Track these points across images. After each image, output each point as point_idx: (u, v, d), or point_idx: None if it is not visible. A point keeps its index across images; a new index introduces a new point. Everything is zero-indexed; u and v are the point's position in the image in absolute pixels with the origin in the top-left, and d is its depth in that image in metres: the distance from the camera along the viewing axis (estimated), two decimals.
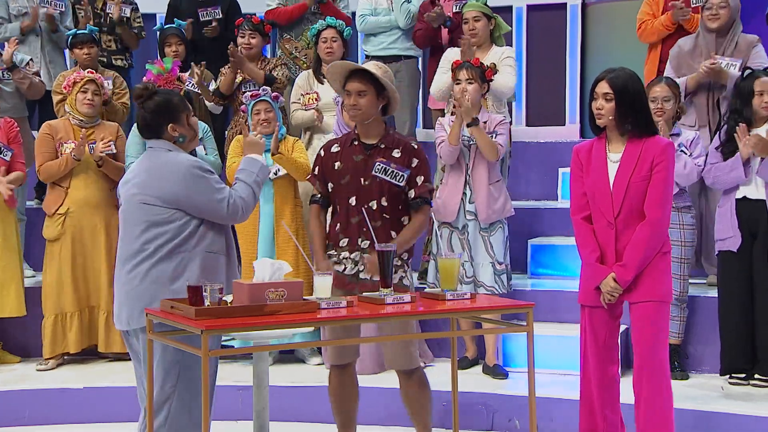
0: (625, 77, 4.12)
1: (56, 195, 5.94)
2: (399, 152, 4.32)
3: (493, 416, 5.24)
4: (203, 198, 3.78)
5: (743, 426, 4.72)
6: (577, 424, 5.03)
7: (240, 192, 3.89)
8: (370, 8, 6.89)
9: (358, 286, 4.27)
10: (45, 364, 5.90)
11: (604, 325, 4.23)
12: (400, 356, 4.33)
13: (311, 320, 3.58)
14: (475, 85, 5.51)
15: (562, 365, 5.55)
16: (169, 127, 3.87)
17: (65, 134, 5.94)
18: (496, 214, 5.57)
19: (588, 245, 4.20)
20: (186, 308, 3.47)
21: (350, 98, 4.27)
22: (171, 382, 3.78)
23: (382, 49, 6.85)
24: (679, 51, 6.00)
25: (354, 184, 4.31)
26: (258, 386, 4.24)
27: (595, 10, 8.25)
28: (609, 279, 4.13)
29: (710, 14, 5.85)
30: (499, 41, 6.29)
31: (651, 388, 4.11)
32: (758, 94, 5.24)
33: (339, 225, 4.36)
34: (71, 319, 5.89)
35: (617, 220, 4.13)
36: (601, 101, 4.14)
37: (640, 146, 4.11)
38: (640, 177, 4.09)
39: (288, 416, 5.32)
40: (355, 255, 4.31)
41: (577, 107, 8.19)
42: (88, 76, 5.98)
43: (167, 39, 6.82)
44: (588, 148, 4.25)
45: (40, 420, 5.45)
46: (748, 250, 5.21)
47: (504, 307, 4.11)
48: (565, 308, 5.89)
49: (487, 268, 5.55)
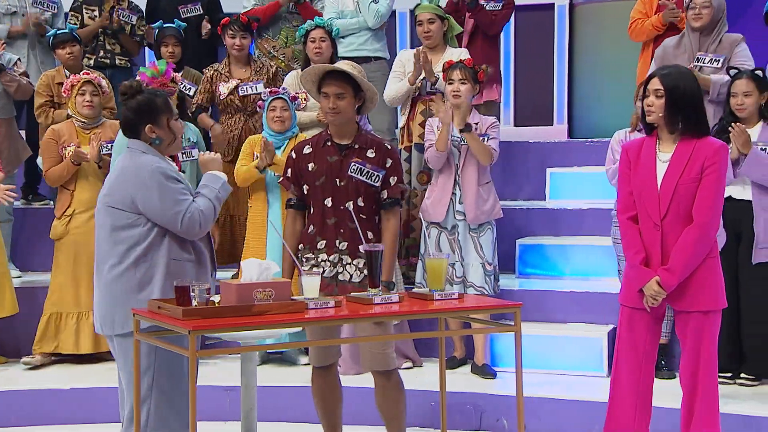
0: (678, 75, 4.04)
1: (64, 197, 5.98)
2: (373, 152, 4.30)
3: (481, 416, 5.25)
4: (159, 206, 3.72)
5: (730, 425, 4.74)
6: (564, 423, 5.06)
7: (200, 205, 3.79)
8: (336, 11, 6.88)
9: (337, 288, 4.26)
10: (32, 357, 5.89)
11: (644, 328, 4.11)
12: (378, 357, 4.29)
13: (299, 320, 3.57)
14: (468, 86, 5.52)
15: (550, 365, 5.57)
16: (147, 128, 3.83)
17: (69, 137, 5.97)
18: (484, 215, 5.58)
19: (633, 246, 4.08)
20: (173, 308, 3.46)
21: (328, 101, 4.23)
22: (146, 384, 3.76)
23: (352, 50, 6.83)
24: (664, 50, 6.00)
25: (329, 185, 4.28)
26: (246, 387, 4.23)
27: (583, 11, 8.27)
28: (653, 282, 4.02)
29: (694, 14, 5.87)
30: (452, 42, 6.30)
31: (703, 401, 4.01)
32: (733, 96, 5.25)
33: (314, 227, 4.32)
34: (66, 319, 5.89)
35: (664, 221, 4.00)
36: (651, 98, 4.04)
37: (692, 146, 3.99)
38: (689, 178, 3.97)
39: (276, 416, 5.31)
40: (334, 257, 4.29)
41: (565, 107, 8.21)
42: (84, 78, 5.99)
43: (165, 39, 6.76)
44: (638, 146, 4.13)
45: (27, 421, 5.42)
46: (733, 250, 5.23)
47: (492, 307, 4.11)
48: (553, 308, 5.91)
49: (477, 268, 5.56)
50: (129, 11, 7.24)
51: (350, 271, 4.30)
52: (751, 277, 5.20)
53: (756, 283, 5.20)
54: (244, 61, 6.55)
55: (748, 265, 5.20)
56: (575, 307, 5.87)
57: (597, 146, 6.75)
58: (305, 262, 4.30)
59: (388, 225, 4.34)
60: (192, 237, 3.79)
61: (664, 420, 4.61)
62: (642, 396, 4.12)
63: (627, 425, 4.11)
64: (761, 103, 5.24)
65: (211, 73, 6.54)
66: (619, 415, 4.13)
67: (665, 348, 5.46)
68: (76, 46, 6.65)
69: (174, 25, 6.83)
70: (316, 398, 4.45)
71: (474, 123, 5.58)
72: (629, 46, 6.83)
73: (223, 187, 3.91)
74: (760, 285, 5.19)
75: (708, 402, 4.03)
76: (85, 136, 5.99)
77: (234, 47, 6.49)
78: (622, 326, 4.16)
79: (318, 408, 4.46)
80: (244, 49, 6.52)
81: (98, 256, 3.85)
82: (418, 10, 6.25)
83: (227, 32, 6.53)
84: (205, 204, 3.81)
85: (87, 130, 6.01)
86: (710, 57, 5.79)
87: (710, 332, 4.04)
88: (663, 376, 5.33)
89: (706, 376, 4.02)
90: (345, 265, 4.30)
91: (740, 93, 5.21)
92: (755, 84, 5.22)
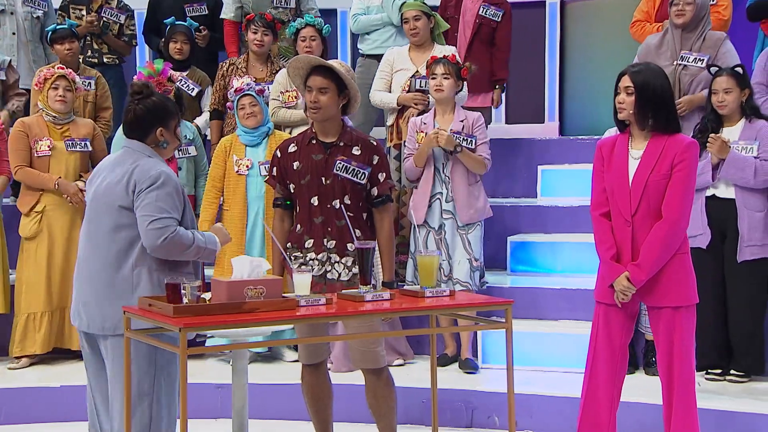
0: (648, 72, 4.08)
1: (31, 193, 5.90)
2: (359, 149, 4.28)
3: (473, 413, 5.26)
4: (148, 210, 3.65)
5: (719, 422, 4.76)
6: (555, 420, 5.07)
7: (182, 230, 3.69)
8: (363, 7, 6.83)
9: (326, 286, 4.25)
10: (17, 362, 5.86)
11: (618, 324, 4.14)
12: (368, 355, 4.28)
13: (290, 318, 3.57)
14: (450, 81, 5.52)
15: (541, 362, 5.58)
16: (158, 131, 3.82)
17: (40, 131, 5.89)
18: (478, 214, 5.58)
19: (604, 242, 4.12)
20: (164, 306, 3.45)
21: (311, 94, 4.21)
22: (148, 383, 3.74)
23: (376, 47, 6.78)
24: (647, 47, 5.97)
25: (315, 184, 4.25)
26: (237, 384, 4.23)
27: (574, 8, 8.27)
28: (622, 278, 4.05)
29: (677, 10, 5.81)
30: (439, 39, 6.28)
31: (679, 397, 4.03)
32: (714, 93, 5.26)
33: (302, 226, 4.30)
34: (41, 318, 5.83)
35: (634, 218, 4.04)
36: (622, 95, 4.09)
37: (663, 143, 4.03)
38: (660, 175, 4.00)
39: (267, 414, 5.31)
40: (322, 256, 4.27)
41: (556, 105, 8.22)
42: (59, 72, 5.92)
43: (174, 35, 6.72)
44: (611, 144, 4.17)
45: (16, 419, 5.41)
46: (718, 248, 5.25)
47: (483, 304, 4.12)
48: (544, 305, 5.92)
49: (463, 264, 5.56)
50: (118, 11, 7.20)
51: (338, 269, 4.29)
52: (736, 275, 5.23)
53: (741, 281, 5.22)
54: (263, 59, 6.51)
55: (733, 263, 5.22)
56: (566, 304, 5.88)
57: (588, 144, 6.76)
58: (293, 260, 4.29)
59: (383, 224, 4.33)
60: (149, 246, 3.67)
61: (650, 416, 4.63)
62: (617, 391, 4.16)
63: (602, 419, 4.15)
64: (742, 100, 5.25)
65: (227, 66, 6.51)
66: (594, 410, 4.16)
67: (652, 344, 5.47)
68: (75, 43, 6.61)
69: (185, 23, 6.82)
70: (306, 396, 4.44)
71: (460, 120, 5.57)
72: (620, 44, 6.84)
73: (210, 246, 3.79)
74: (745, 282, 5.22)
75: (683, 397, 4.04)
76: (56, 131, 5.91)
77: (254, 42, 6.44)
78: (597, 322, 4.20)
79: (309, 406, 4.46)
80: (264, 46, 6.47)
81: (90, 254, 3.79)
82: (404, 8, 6.22)
83: (250, 27, 6.48)
84: (187, 234, 3.71)
85: (58, 126, 5.93)
86: (694, 56, 5.74)
87: (682, 328, 4.05)
88: (654, 373, 5.35)
89: (681, 371, 4.04)
90: (333, 263, 4.28)
91: (721, 90, 5.22)
92: (735, 81, 5.22)
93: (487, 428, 5.21)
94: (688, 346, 4.08)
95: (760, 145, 5.17)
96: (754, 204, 5.22)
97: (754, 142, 5.18)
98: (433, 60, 5.63)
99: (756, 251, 5.20)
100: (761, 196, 5.25)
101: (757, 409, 4.80)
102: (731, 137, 5.22)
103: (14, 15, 7.05)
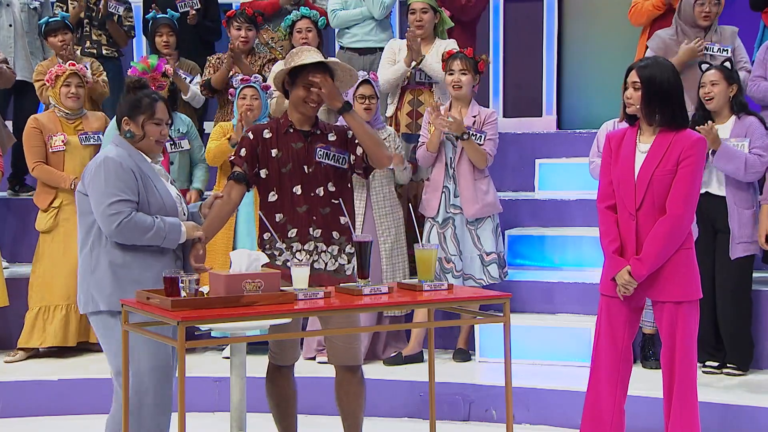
0: (655, 67, 4.06)
1: (47, 190, 5.95)
2: (334, 135, 4.25)
3: (470, 406, 5.26)
4: (97, 196, 3.76)
5: (716, 414, 4.76)
6: (552, 413, 5.08)
7: (139, 216, 3.75)
8: (341, 2, 6.85)
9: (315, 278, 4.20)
10: (13, 355, 5.87)
11: (621, 317, 4.13)
12: (348, 352, 4.24)
13: (289, 311, 3.57)
14: (468, 77, 5.52)
15: (539, 355, 5.58)
16: (123, 120, 3.90)
17: (53, 127, 5.94)
18: (488, 208, 5.58)
19: (608, 235, 4.11)
20: (162, 299, 3.45)
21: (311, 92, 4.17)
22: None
23: (357, 41, 6.80)
24: (662, 41, 5.94)
25: (298, 173, 4.19)
26: (236, 377, 4.22)
27: (572, 2, 8.27)
28: (624, 272, 4.04)
29: (704, 12, 5.78)
30: (442, 35, 6.29)
31: (679, 391, 4.03)
32: (701, 86, 5.26)
33: (283, 215, 4.21)
34: (54, 312, 5.85)
35: (638, 212, 4.03)
36: (630, 90, 4.09)
37: (670, 138, 4.01)
38: (665, 170, 3.99)
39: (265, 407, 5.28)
40: (308, 245, 4.21)
41: (554, 99, 8.21)
42: (71, 69, 5.95)
43: (159, 29, 6.76)
44: (620, 136, 4.16)
45: (15, 412, 5.41)
46: (710, 244, 5.26)
47: (481, 297, 4.11)
48: (542, 299, 5.92)
49: (475, 260, 5.57)
50: (116, 2, 7.20)
51: (325, 259, 4.22)
52: (726, 271, 5.25)
53: (731, 276, 5.25)
54: (247, 53, 6.53)
55: (724, 259, 5.24)
56: (564, 297, 5.89)
57: (586, 137, 6.75)
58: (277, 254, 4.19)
59: None
60: (106, 232, 3.76)
61: (651, 409, 4.64)
62: (620, 384, 4.15)
63: (605, 412, 4.14)
64: (730, 95, 5.25)
65: (214, 60, 6.55)
66: (597, 402, 4.16)
67: (652, 338, 5.49)
68: (68, 34, 6.62)
69: (167, 15, 6.82)
70: (272, 397, 4.34)
71: (472, 116, 5.57)
72: (618, 37, 6.84)
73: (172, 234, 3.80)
74: (735, 278, 5.25)
75: (685, 392, 4.04)
76: (69, 126, 5.97)
77: (240, 39, 6.48)
78: (601, 315, 4.20)
79: (274, 407, 4.35)
80: (249, 42, 6.52)
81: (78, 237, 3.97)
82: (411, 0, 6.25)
83: (233, 24, 6.54)
84: (144, 219, 3.76)
85: (71, 121, 5.99)
86: (718, 46, 5.78)
87: (684, 323, 4.05)
88: (652, 366, 5.36)
89: (682, 366, 4.04)
90: (320, 252, 4.22)
91: (708, 82, 5.23)
92: (722, 74, 5.23)
93: (485, 422, 5.21)
94: (690, 340, 4.07)
95: (750, 141, 5.18)
96: (744, 201, 5.23)
97: (744, 140, 5.18)
98: (449, 54, 5.62)
99: (747, 248, 5.24)
100: (751, 194, 5.28)
101: (756, 402, 4.81)
102: (722, 135, 5.19)
103: (11, 7, 7.04)
